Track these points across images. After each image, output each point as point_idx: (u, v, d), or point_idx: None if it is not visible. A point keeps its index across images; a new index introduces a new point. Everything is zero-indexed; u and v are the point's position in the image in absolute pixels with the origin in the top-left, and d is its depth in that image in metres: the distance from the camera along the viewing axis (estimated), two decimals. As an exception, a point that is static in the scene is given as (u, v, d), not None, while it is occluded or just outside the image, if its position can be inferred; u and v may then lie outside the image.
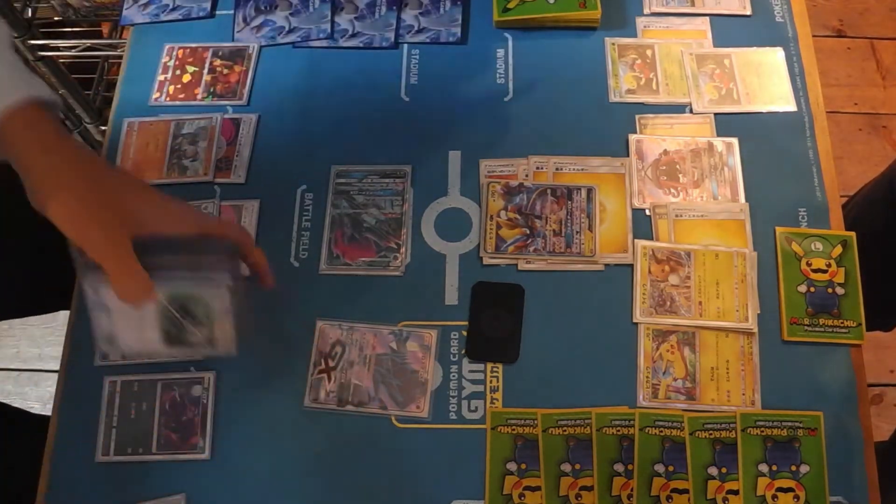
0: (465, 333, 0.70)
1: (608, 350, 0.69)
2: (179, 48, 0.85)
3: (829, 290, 0.70)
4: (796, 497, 0.64)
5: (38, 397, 1.45)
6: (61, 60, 1.30)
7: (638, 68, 0.81)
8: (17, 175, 0.54)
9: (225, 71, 0.83)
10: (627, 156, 0.76)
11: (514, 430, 0.66)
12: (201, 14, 0.86)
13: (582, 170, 0.76)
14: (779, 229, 0.73)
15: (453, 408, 0.68)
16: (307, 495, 0.66)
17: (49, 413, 0.70)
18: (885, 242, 0.90)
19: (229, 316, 0.56)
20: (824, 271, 0.71)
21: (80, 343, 0.71)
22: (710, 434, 0.66)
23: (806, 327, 0.69)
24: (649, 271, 0.71)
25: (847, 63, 1.71)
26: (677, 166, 0.76)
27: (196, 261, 0.55)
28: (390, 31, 0.84)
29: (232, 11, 0.86)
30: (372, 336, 0.70)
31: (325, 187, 0.77)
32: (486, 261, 0.73)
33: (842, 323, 0.69)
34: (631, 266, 0.72)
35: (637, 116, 0.79)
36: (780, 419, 0.66)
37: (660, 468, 0.65)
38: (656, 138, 0.77)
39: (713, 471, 0.65)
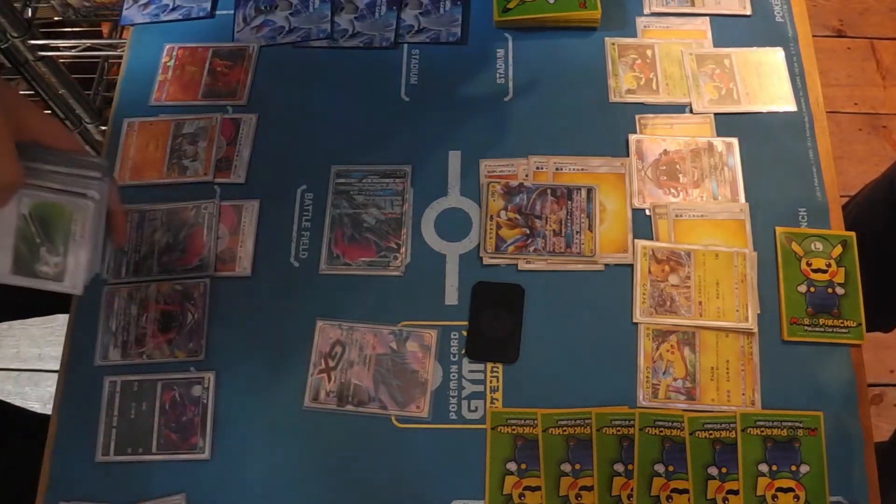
0: (465, 333, 0.70)
1: (608, 350, 0.69)
2: (179, 48, 0.85)
3: (829, 290, 0.70)
4: (796, 497, 0.64)
5: (38, 397, 1.45)
6: (61, 60, 1.30)
7: (638, 68, 0.81)
8: None
9: (225, 71, 0.83)
10: (627, 156, 0.76)
11: (514, 430, 0.66)
12: (201, 14, 0.86)
13: (582, 170, 0.76)
14: (779, 229, 0.73)
15: (453, 408, 0.68)
16: (307, 495, 0.66)
17: (49, 413, 0.70)
18: (885, 242, 0.90)
19: (85, 243, 0.57)
20: (824, 271, 0.71)
21: (80, 343, 0.71)
22: (710, 434, 0.66)
23: (806, 327, 0.69)
24: (649, 271, 0.71)
25: (847, 63, 1.71)
26: (677, 166, 0.76)
27: (68, 172, 0.57)
28: (390, 31, 0.84)
29: (232, 11, 0.86)
30: (372, 336, 0.70)
31: (325, 187, 0.77)
32: (486, 261, 0.73)
33: (842, 323, 0.69)
34: (631, 266, 0.72)
35: (637, 116, 0.79)
36: (780, 419, 0.66)
37: (660, 468, 0.65)
38: (656, 138, 0.77)
39: (713, 471, 0.65)
